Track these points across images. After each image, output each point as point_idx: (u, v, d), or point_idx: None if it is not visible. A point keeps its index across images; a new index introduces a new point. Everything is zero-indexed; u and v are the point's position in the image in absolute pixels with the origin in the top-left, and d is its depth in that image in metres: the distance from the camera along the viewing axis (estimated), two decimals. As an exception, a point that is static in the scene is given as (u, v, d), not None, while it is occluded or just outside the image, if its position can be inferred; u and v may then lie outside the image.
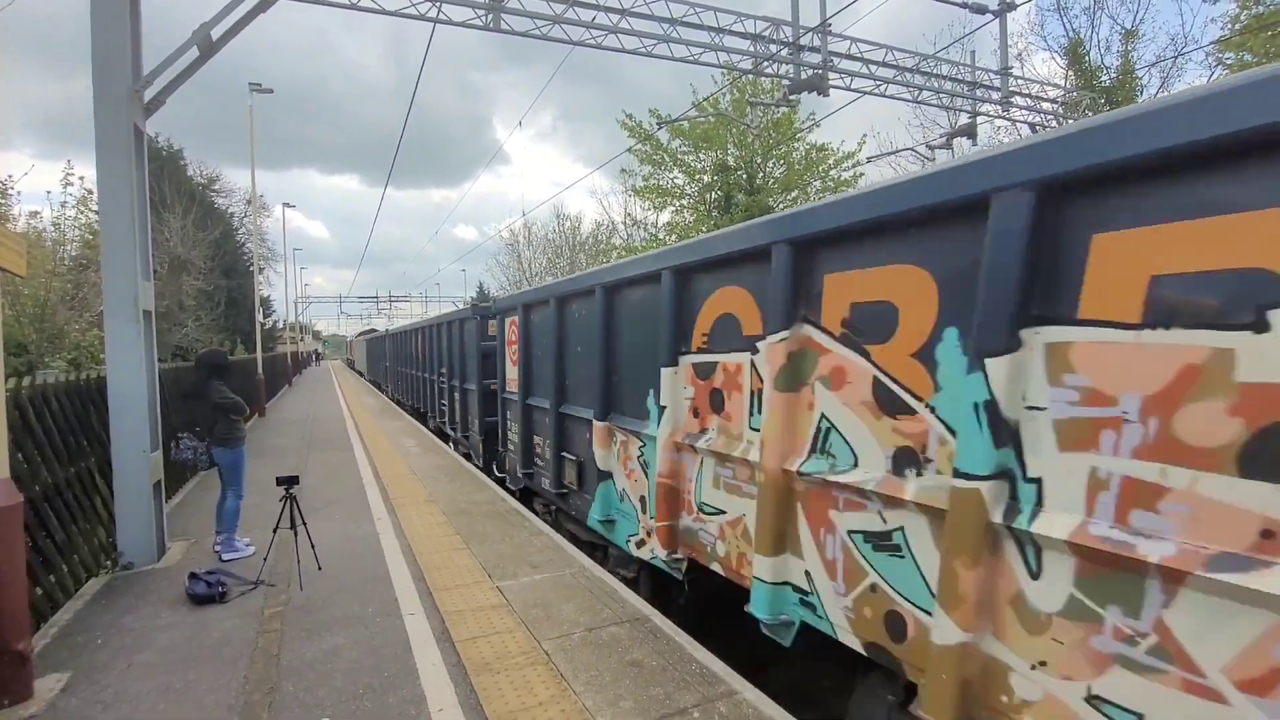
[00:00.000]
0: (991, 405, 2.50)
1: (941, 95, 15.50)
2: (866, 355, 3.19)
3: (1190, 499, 2.04)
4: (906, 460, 3.00)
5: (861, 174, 23.80)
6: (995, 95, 15.76)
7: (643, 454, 5.30)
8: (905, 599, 3.00)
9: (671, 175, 26.24)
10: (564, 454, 6.91)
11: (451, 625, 4.53)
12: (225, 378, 6.41)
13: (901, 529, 3.02)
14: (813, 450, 3.52)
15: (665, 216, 28.06)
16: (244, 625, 4.61)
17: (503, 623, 4.58)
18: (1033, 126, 16.63)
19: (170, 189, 26.52)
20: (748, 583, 3.94)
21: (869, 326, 3.19)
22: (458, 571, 5.61)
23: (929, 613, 2.84)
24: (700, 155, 25.44)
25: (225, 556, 6.03)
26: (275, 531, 5.82)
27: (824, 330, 3.45)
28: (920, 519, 2.91)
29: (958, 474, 2.62)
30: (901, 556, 3.02)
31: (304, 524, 5.63)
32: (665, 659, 4.03)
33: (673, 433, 4.79)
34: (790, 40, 12.48)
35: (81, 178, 15.02)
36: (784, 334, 3.59)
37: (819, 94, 12.60)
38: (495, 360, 9.56)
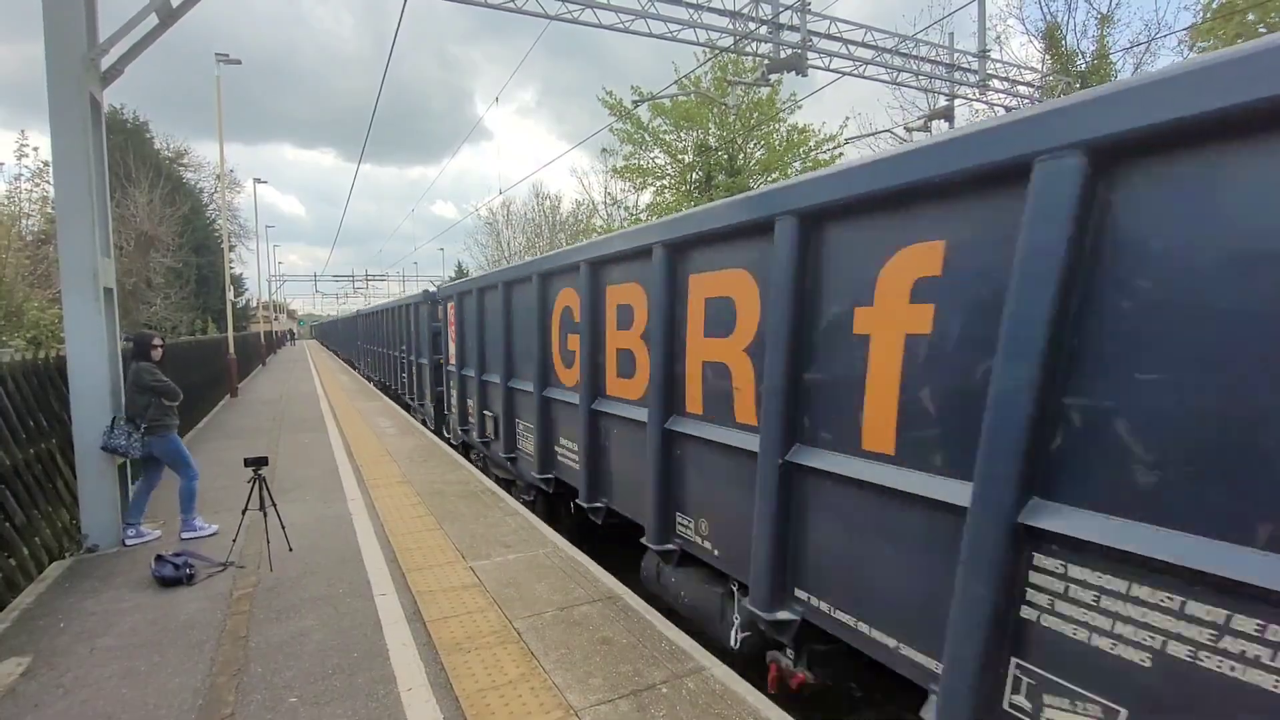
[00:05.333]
0: None
1: (920, 77, 15.51)
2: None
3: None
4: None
5: (841, 154, 23.82)
6: (973, 78, 15.81)
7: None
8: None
9: (652, 155, 26.07)
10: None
11: (423, 605, 4.52)
12: (153, 360, 6.07)
13: None
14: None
15: (646, 197, 27.93)
16: (211, 607, 4.57)
17: (475, 602, 4.58)
18: (1009, 109, 16.73)
19: (136, 162, 25.74)
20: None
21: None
22: (430, 552, 5.60)
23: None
24: (681, 135, 25.28)
25: (184, 535, 5.98)
26: (244, 513, 5.76)
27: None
28: None
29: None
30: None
31: (274, 505, 5.57)
32: (635, 636, 4.07)
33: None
34: (769, 18, 12.36)
35: (36, 148, 14.54)
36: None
37: (798, 74, 12.55)
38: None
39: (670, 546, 4.64)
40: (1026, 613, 2.32)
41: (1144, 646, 2.02)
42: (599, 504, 5.72)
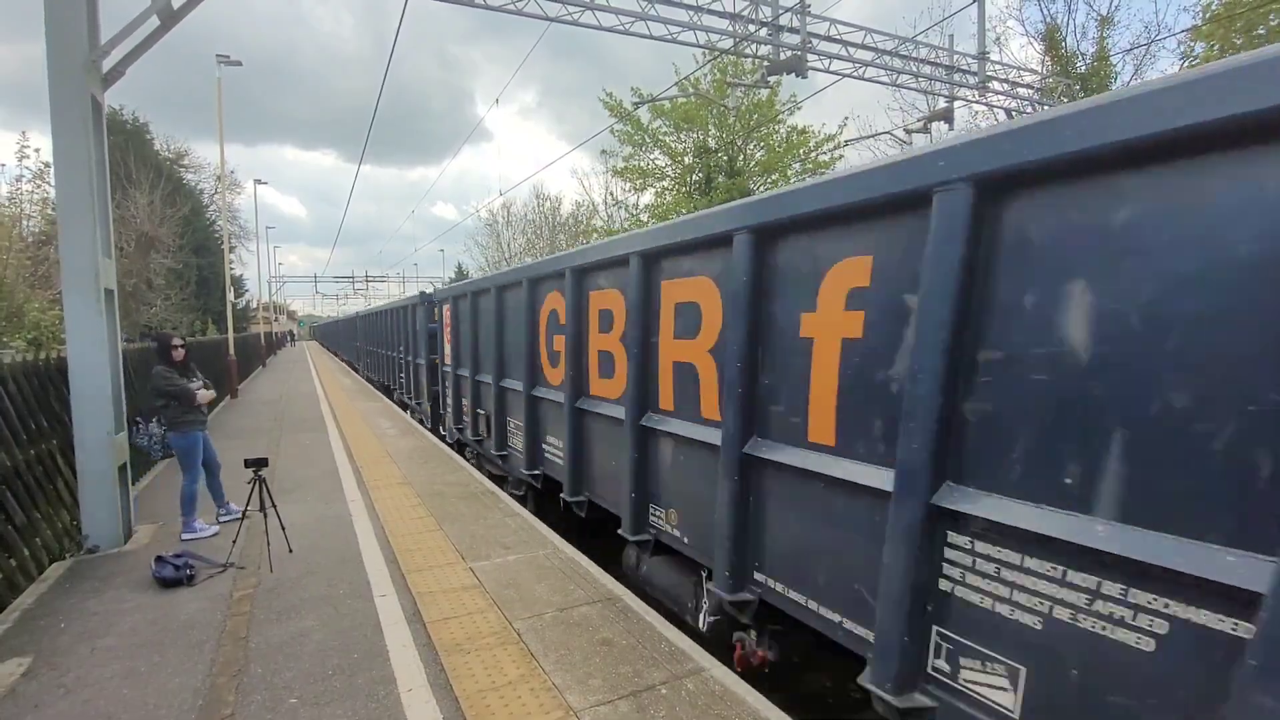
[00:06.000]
0: None
1: (919, 79, 15.53)
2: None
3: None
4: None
5: (841, 156, 23.84)
6: (972, 80, 15.82)
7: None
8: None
9: (652, 156, 26.07)
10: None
11: (423, 606, 4.53)
12: (174, 360, 6.22)
13: None
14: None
15: (647, 198, 27.94)
16: (212, 608, 4.57)
17: (474, 603, 4.59)
18: (1009, 111, 16.76)
19: (136, 163, 25.75)
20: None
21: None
22: (430, 553, 5.60)
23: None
24: (681, 136, 25.27)
25: (184, 536, 6.00)
26: (244, 514, 5.77)
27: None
28: None
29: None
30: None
31: (274, 506, 5.58)
32: (635, 638, 4.08)
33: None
34: (769, 20, 12.38)
35: (37, 150, 14.56)
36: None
37: (798, 75, 12.56)
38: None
39: (645, 536, 4.97)
40: (944, 585, 2.63)
41: (1036, 612, 2.31)
42: (581, 498, 6.03)
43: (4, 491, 4.86)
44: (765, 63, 13.07)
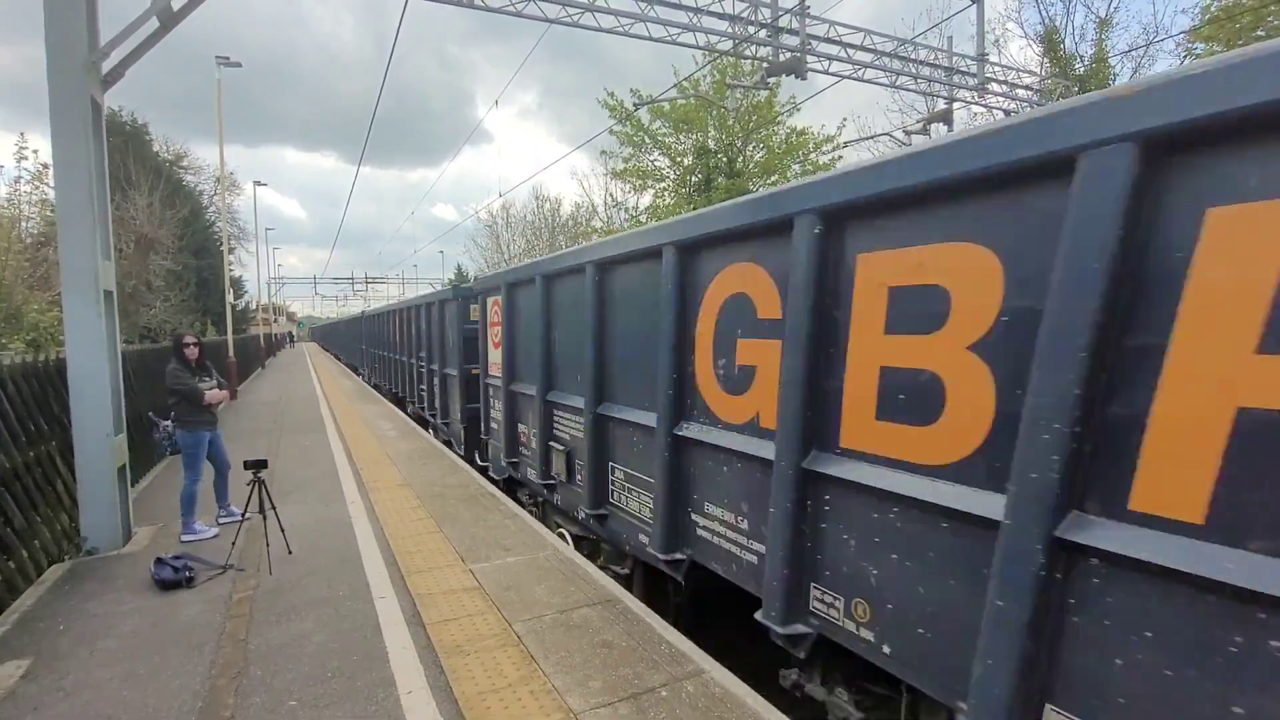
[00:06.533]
0: None
1: (919, 80, 15.55)
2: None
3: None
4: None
5: (839, 157, 23.86)
6: (971, 81, 15.84)
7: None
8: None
9: (652, 157, 26.08)
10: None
11: (423, 608, 4.52)
12: (187, 358, 6.25)
13: None
14: None
15: (646, 199, 27.96)
16: (211, 610, 4.57)
17: (474, 605, 4.58)
18: (1008, 113, 16.77)
19: (135, 165, 25.75)
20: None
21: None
22: (430, 555, 5.59)
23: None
24: (681, 137, 25.29)
25: (184, 538, 6.00)
26: (244, 516, 5.77)
27: None
28: None
29: None
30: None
31: (273, 508, 5.57)
32: (635, 640, 4.07)
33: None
34: (768, 22, 12.40)
35: (36, 151, 14.56)
36: None
37: (797, 77, 12.57)
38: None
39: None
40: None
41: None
42: (801, 631, 3.39)
43: (3, 493, 4.86)
44: (764, 64, 13.09)
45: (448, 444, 11.70)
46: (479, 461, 9.79)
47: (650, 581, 5.30)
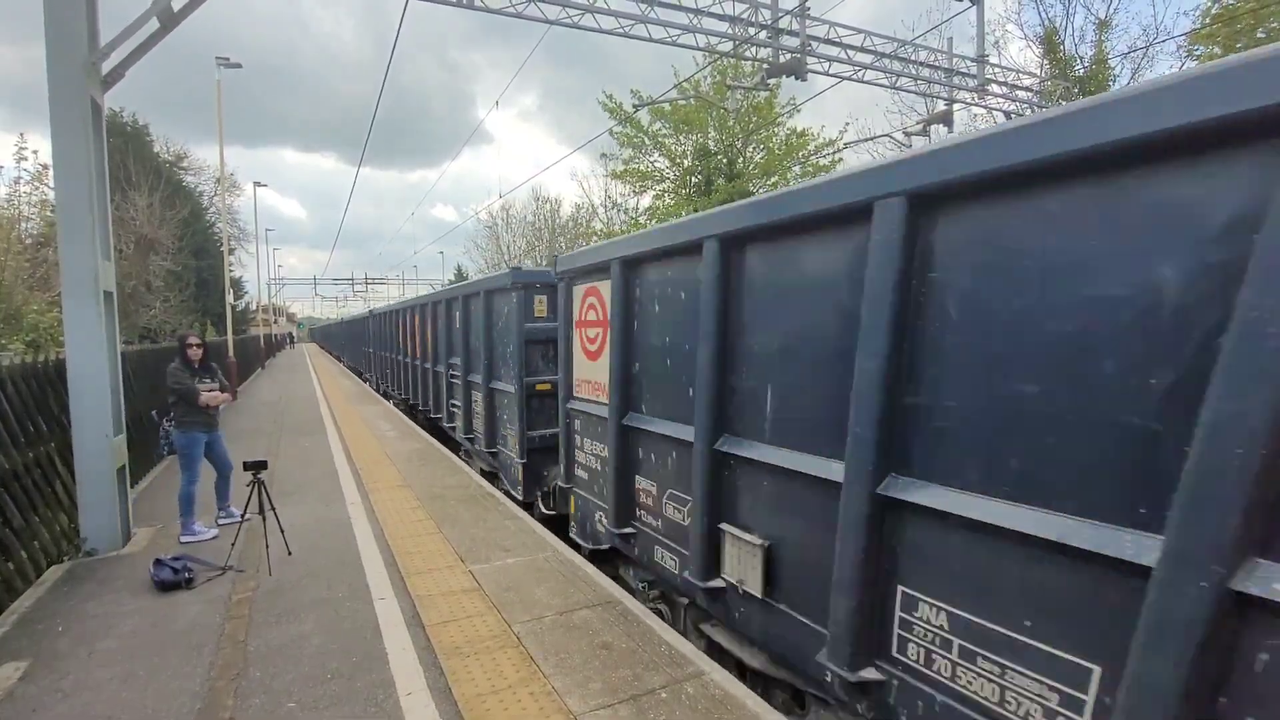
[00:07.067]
0: None
1: (919, 82, 15.55)
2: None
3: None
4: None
5: (840, 159, 23.88)
6: (971, 82, 15.85)
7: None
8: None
9: (652, 159, 26.10)
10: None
11: (422, 609, 4.52)
12: (190, 359, 6.27)
13: None
14: None
15: (646, 200, 27.97)
16: (210, 611, 4.56)
17: (474, 606, 4.58)
18: (1008, 114, 16.78)
19: (135, 166, 25.75)
20: None
21: None
22: (430, 556, 5.59)
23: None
24: (681, 139, 25.32)
25: (183, 539, 6.00)
26: (244, 517, 5.76)
27: None
28: None
29: None
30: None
31: (273, 509, 5.56)
32: (635, 641, 4.07)
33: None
34: (768, 23, 12.41)
35: (35, 151, 14.56)
36: None
37: (797, 78, 12.57)
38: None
39: None
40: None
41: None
42: None
43: (2, 494, 4.85)
44: (765, 65, 13.09)
45: (490, 477, 9.16)
46: (543, 509, 7.57)
47: None
